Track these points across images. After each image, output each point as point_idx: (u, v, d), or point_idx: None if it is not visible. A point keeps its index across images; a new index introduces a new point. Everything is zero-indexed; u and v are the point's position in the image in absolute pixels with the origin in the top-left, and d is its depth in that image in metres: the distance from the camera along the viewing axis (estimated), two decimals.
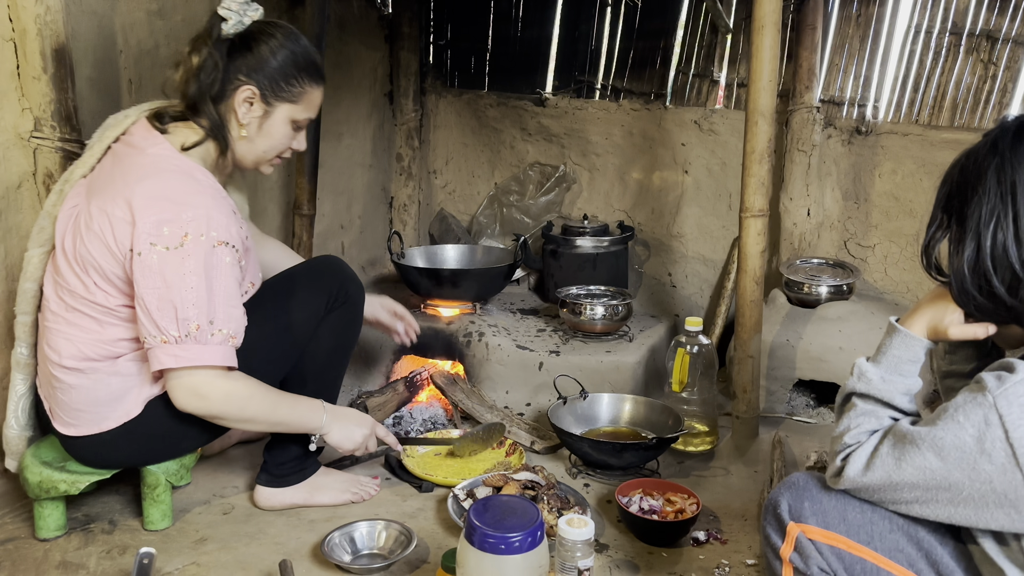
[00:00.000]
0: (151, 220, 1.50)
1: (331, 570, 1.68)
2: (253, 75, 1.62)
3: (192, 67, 1.61)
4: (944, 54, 2.60)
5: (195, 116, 1.63)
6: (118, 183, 1.56)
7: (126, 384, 1.64)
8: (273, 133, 1.69)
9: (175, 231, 1.50)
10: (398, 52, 3.27)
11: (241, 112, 1.64)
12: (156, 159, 1.59)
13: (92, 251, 1.55)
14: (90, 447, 1.68)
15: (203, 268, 1.51)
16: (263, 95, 1.64)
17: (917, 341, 1.22)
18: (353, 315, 1.91)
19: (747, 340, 2.26)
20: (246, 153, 1.70)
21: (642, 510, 1.83)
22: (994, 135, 1.12)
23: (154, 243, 1.49)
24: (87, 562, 1.69)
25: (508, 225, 3.28)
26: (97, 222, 1.54)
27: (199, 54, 1.60)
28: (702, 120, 2.93)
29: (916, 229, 2.63)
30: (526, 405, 2.49)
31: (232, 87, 1.62)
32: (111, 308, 1.58)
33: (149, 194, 1.52)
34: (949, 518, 1.10)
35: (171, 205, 1.51)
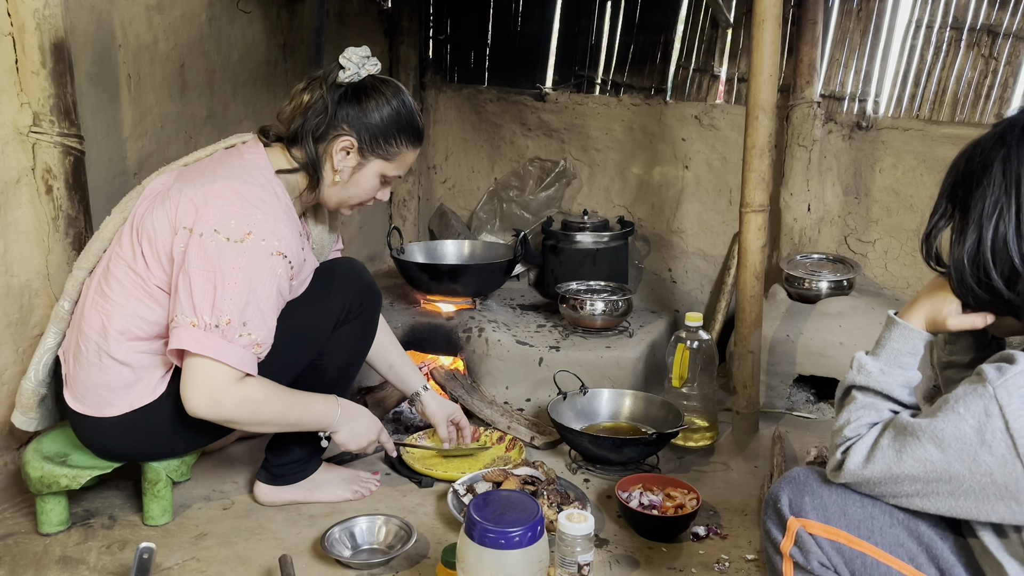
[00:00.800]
0: (223, 210, 1.55)
1: (331, 565, 1.68)
2: (355, 127, 1.68)
3: (302, 104, 1.67)
4: (945, 49, 2.59)
5: (292, 147, 1.70)
6: (206, 173, 1.64)
7: (134, 376, 1.64)
8: (362, 184, 1.74)
9: (241, 226, 1.54)
10: (397, 47, 3.26)
11: (337, 159, 1.69)
12: (249, 164, 1.66)
13: (155, 222, 1.59)
14: (91, 429, 1.69)
15: (254, 270, 1.54)
16: (360, 148, 1.70)
17: (916, 333, 1.22)
18: (367, 327, 1.89)
19: (747, 335, 2.26)
20: (332, 195, 1.75)
21: (642, 505, 1.84)
22: (1002, 127, 1.12)
23: (218, 231, 1.53)
24: (87, 557, 1.69)
25: (508, 220, 3.27)
26: (172, 198, 1.60)
27: (311, 93, 1.67)
28: (702, 115, 2.93)
29: (917, 224, 2.63)
30: (526, 400, 2.49)
31: (334, 133, 1.68)
32: (144, 280, 1.60)
33: (228, 188, 1.58)
34: (950, 511, 1.10)
35: (245, 203, 1.57)
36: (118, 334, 1.61)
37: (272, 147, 1.72)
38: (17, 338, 1.94)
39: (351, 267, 1.89)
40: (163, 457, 1.77)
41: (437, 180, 3.52)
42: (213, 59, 2.45)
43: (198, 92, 2.40)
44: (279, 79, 2.69)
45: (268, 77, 2.66)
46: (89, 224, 1.97)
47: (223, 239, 1.53)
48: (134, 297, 1.61)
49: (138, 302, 1.61)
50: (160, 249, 1.59)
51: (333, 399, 1.78)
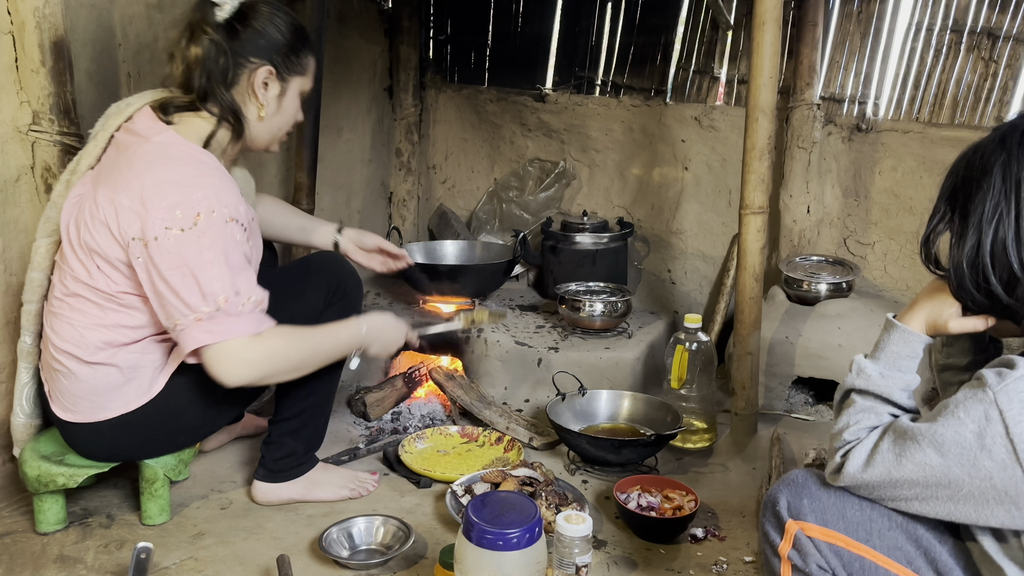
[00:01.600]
0: (163, 205, 1.49)
1: (329, 565, 1.68)
2: (265, 54, 1.62)
3: (194, 58, 1.59)
4: (945, 52, 2.59)
5: (206, 104, 1.62)
6: (125, 172, 1.55)
7: (124, 376, 1.63)
8: (287, 109, 1.71)
9: (187, 212, 1.49)
10: (398, 46, 3.26)
11: (261, 93, 1.64)
12: (161, 146, 1.58)
13: (97, 239, 1.55)
14: (86, 436, 1.68)
15: (219, 243, 1.51)
16: (279, 73, 1.64)
17: (915, 336, 1.22)
18: (351, 310, 1.89)
19: (746, 337, 2.26)
20: (262, 133, 1.70)
21: (640, 507, 1.83)
22: (1003, 131, 1.12)
23: (169, 227, 1.49)
24: (85, 556, 1.69)
25: (507, 221, 3.27)
26: (103, 211, 1.54)
27: (199, 43, 1.59)
28: (702, 116, 2.93)
29: (916, 227, 2.63)
30: (524, 401, 2.49)
31: (245, 70, 1.61)
32: (112, 294, 1.58)
33: (157, 180, 1.51)
34: (949, 515, 1.10)
35: (181, 188, 1.51)
36: (101, 344, 1.60)
37: (177, 120, 1.61)
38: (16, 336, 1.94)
39: (332, 256, 1.93)
40: (165, 452, 1.78)
41: (437, 180, 3.52)
42: None
43: None
44: None
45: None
46: None
47: (177, 232, 1.49)
48: (109, 309, 1.59)
49: (114, 312, 1.59)
50: (114, 261, 1.55)
51: (354, 321, 1.77)
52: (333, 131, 2.99)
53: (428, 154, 3.49)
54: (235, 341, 1.54)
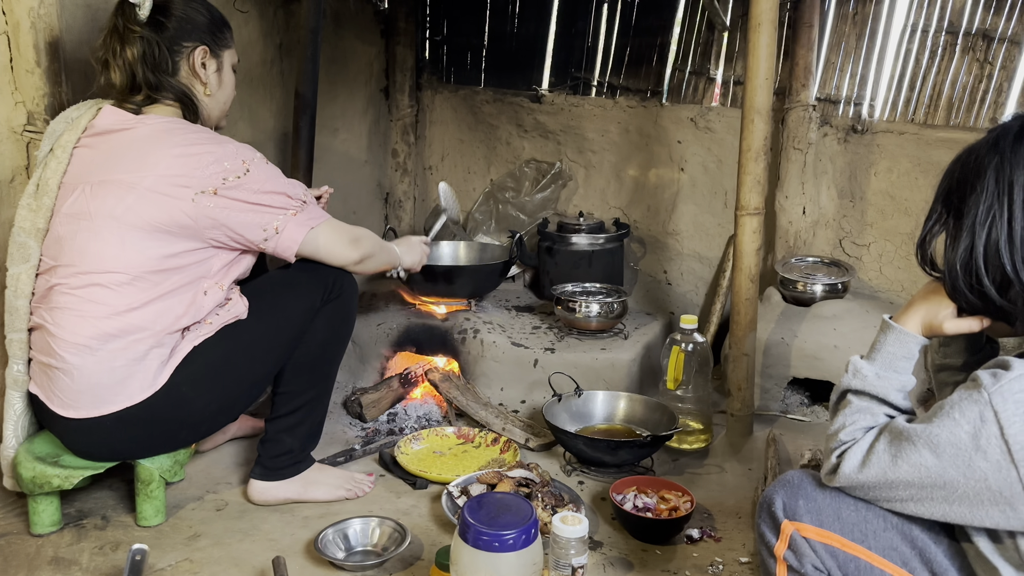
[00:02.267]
0: (209, 166, 1.61)
1: (324, 567, 1.68)
2: (195, 36, 1.74)
3: (133, 59, 1.68)
4: (940, 53, 2.60)
5: (160, 94, 1.72)
6: (139, 154, 1.62)
7: (131, 370, 1.63)
8: (226, 82, 1.84)
9: (234, 163, 1.64)
10: (394, 47, 3.26)
11: (203, 73, 1.76)
12: (158, 126, 1.67)
13: (143, 210, 1.59)
14: (86, 432, 1.68)
15: (272, 171, 1.70)
16: (212, 50, 1.76)
17: (911, 337, 1.23)
18: (348, 308, 1.91)
19: (742, 338, 2.26)
20: (212, 110, 1.82)
21: (636, 508, 1.84)
22: (996, 133, 1.12)
23: (225, 178, 1.62)
24: (80, 558, 1.68)
25: (504, 222, 3.27)
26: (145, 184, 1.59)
27: (132, 44, 1.68)
28: (698, 118, 2.93)
29: (911, 228, 2.64)
30: (521, 402, 2.49)
31: (181, 56, 1.73)
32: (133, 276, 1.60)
33: (188, 152, 1.62)
34: (944, 516, 1.10)
35: (214, 147, 1.64)
36: (116, 331, 1.61)
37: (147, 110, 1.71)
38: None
39: None
40: (162, 451, 1.78)
41: (433, 181, 3.51)
42: None
43: None
44: (275, 79, 2.69)
45: (264, 77, 2.66)
46: None
47: (235, 179, 1.63)
48: (124, 292, 1.60)
49: (131, 293, 1.61)
50: (167, 228, 1.61)
51: (390, 244, 2.06)
52: (329, 132, 2.98)
53: (424, 155, 3.49)
54: (330, 223, 1.78)
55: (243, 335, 1.75)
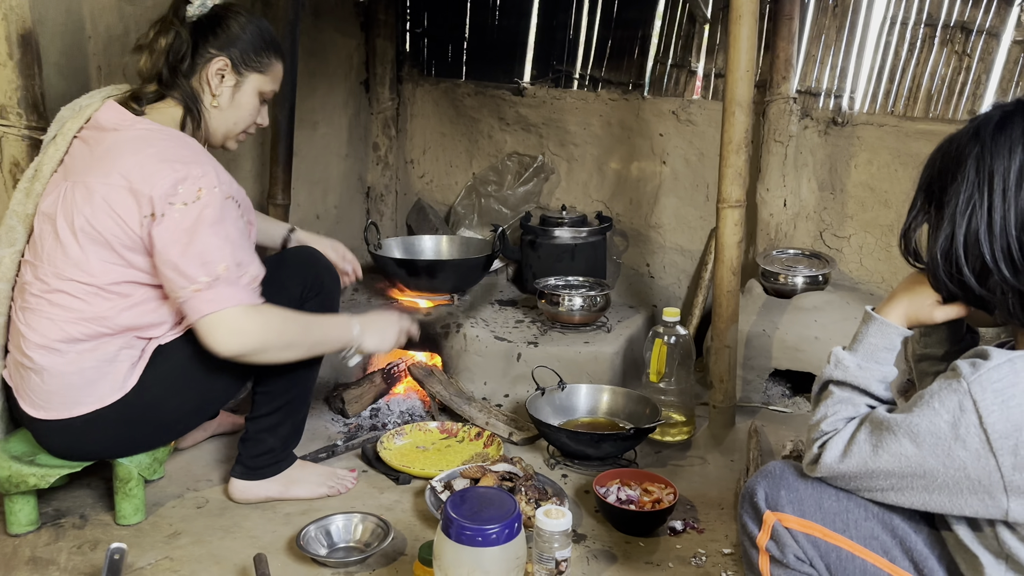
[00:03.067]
0: (166, 183, 1.54)
1: (307, 564, 1.67)
2: (224, 48, 1.69)
3: (160, 48, 1.67)
4: (919, 45, 2.61)
5: (170, 91, 1.69)
6: (113, 159, 1.58)
7: (101, 371, 1.61)
8: (243, 104, 1.75)
9: (190, 187, 1.54)
10: (374, 40, 3.23)
11: (214, 84, 1.70)
12: (144, 132, 1.63)
13: (96, 224, 1.56)
14: (60, 433, 1.66)
15: (220, 217, 1.57)
16: (235, 66, 1.71)
17: (893, 329, 1.23)
18: (328, 305, 1.89)
19: (724, 330, 2.26)
20: (218, 125, 1.75)
21: (619, 500, 1.84)
22: (977, 123, 1.13)
23: (172, 202, 1.54)
24: (57, 558, 1.66)
25: (486, 215, 3.26)
26: (101, 195, 1.56)
27: (166, 35, 1.66)
28: (680, 110, 2.93)
29: (891, 219, 2.65)
30: (504, 396, 2.49)
31: (204, 60, 1.68)
32: (101, 286, 1.58)
33: (154, 161, 1.56)
34: (924, 505, 1.11)
35: (180, 165, 1.56)
36: (82, 337, 1.59)
37: (150, 111, 1.68)
38: None
39: (307, 251, 1.92)
40: (138, 451, 1.75)
41: (415, 174, 3.50)
42: None
43: None
44: None
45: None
46: None
47: (181, 206, 1.54)
48: (91, 302, 1.58)
49: (96, 305, 1.58)
50: (119, 246, 1.56)
51: (346, 316, 1.80)
52: (309, 125, 2.96)
53: (406, 148, 3.47)
54: (231, 310, 1.57)
55: None
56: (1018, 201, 1.06)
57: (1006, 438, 1.01)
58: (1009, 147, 1.08)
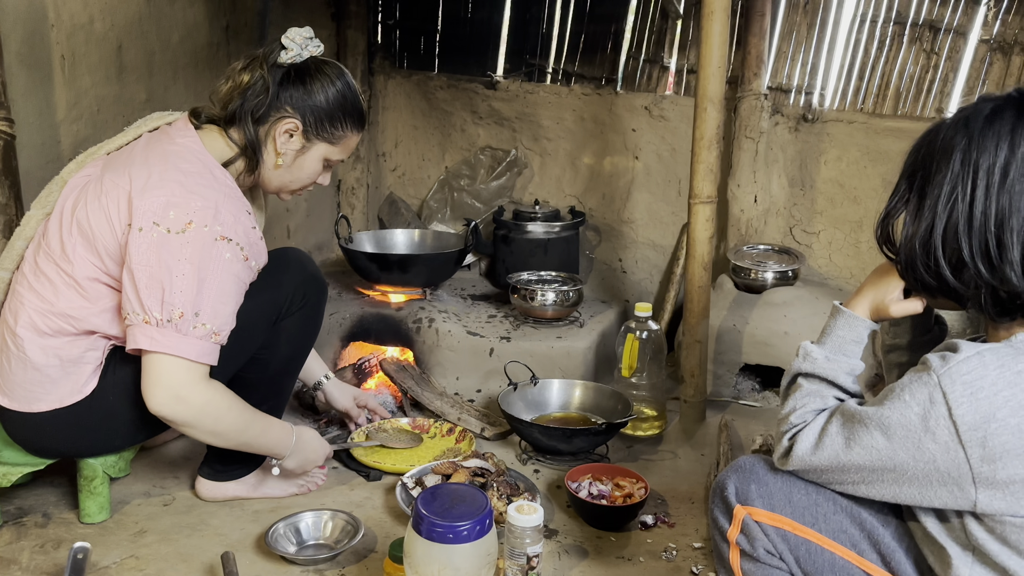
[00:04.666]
0: (160, 201, 1.49)
1: (276, 561, 1.65)
2: (300, 108, 1.63)
3: (241, 84, 1.62)
4: (888, 43, 2.64)
5: (229, 128, 1.64)
6: (139, 162, 1.56)
7: (64, 371, 1.57)
8: (305, 167, 1.71)
9: (180, 216, 1.49)
10: (345, 31, 3.20)
11: (280, 142, 1.65)
12: (182, 147, 1.59)
13: (91, 219, 1.53)
14: (20, 425, 1.62)
15: (199, 259, 1.49)
16: (305, 131, 1.65)
17: (860, 321, 1.24)
18: (311, 320, 1.84)
19: (695, 325, 2.28)
20: (273, 179, 1.71)
21: (591, 495, 1.84)
22: (967, 114, 1.12)
23: (157, 223, 1.48)
24: (19, 557, 1.63)
25: (459, 210, 3.25)
26: (107, 194, 1.53)
27: (250, 73, 1.62)
28: (652, 106, 2.94)
29: (860, 216, 2.68)
30: (476, 391, 2.48)
31: (276, 114, 1.63)
32: (76, 281, 1.54)
33: (165, 176, 1.52)
34: (894, 497, 1.12)
35: (182, 191, 1.51)
36: (46, 331, 1.55)
37: (205, 129, 1.65)
38: None
39: (294, 257, 1.84)
40: (99, 453, 1.72)
41: (387, 168, 3.47)
42: (152, 41, 2.36)
43: (136, 75, 2.32)
44: (222, 62, 2.61)
45: (210, 60, 2.58)
46: (20, 211, 1.89)
47: (163, 231, 1.48)
48: (64, 295, 1.55)
49: (68, 300, 1.55)
50: (101, 247, 1.53)
51: (290, 427, 1.76)
52: None
53: (377, 141, 3.44)
54: (179, 364, 1.49)
55: None
56: (1000, 198, 1.06)
57: (975, 430, 1.03)
58: (996, 142, 1.07)
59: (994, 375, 1.03)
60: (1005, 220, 1.06)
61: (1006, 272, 1.06)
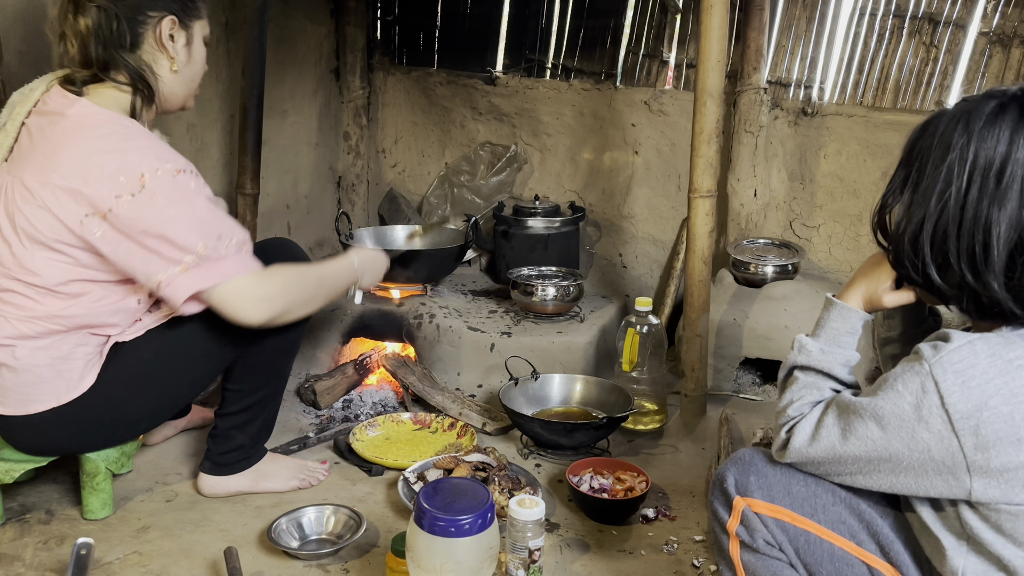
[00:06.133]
0: (104, 176, 1.44)
1: (278, 556, 1.66)
2: (162, 5, 1.56)
3: (85, 29, 1.51)
4: (888, 36, 2.64)
5: (108, 74, 1.55)
6: (49, 153, 1.49)
7: (55, 369, 1.56)
8: (196, 57, 1.67)
9: (131, 176, 1.45)
10: (344, 27, 3.20)
11: (170, 47, 1.59)
12: (79, 119, 1.51)
13: (37, 224, 1.47)
14: (19, 429, 1.61)
15: (176, 197, 1.48)
16: (180, 20, 1.59)
17: (853, 312, 1.25)
18: None
19: (695, 319, 2.28)
20: (177, 89, 1.65)
21: (592, 489, 1.85)
22: (967, 109, 1.09)
23: (119, 195, 1.44)
24: (23, 554, 1.63)
25: (459, 206, 3.25)
26: (39, 195, 1.47)
27: (86, 14, 1.51)
28: (652, 101, 2.94)
29: (860, 209, 2.68)
30: (477, 387, 2.48)
31: (145, 27, 1.55)
32: (48, 287, 1.51)
33: (87, 153, 1.47)
34: (891, 487, 1.12)
35: (114, 155, 1.46)
36: (37, 333, 1.53)
37: (89, 91, 1.55)
38: None
39: (283, 247, 1.86)
40: (102, 447, 1.72)
41: (386, 164, 3.47)
42: None
43: None
44: (220, 59, 2.62)
45: (209, 58, 2.56)
46: None
47: (128, 197, 1.44)
48: (43, 303, 1.52)
49: (50, 305, 1.52)
50: (57, 245, 1.49)
51: (345, 256, 1.83)
52: (278, 114, 2.92)
53: (377, 138, 3.45)
54: (241, 280, 1.54)
55: (182, 333, 1.65)
56: (991, 203, 1.05)
57: (967, 418, 1.03)
58: (995, 144, 1.05)
59: (985, 363, 1.03)
60: (993, 225, 1.05)
61: (988, 278, 1.06)
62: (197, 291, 1.50)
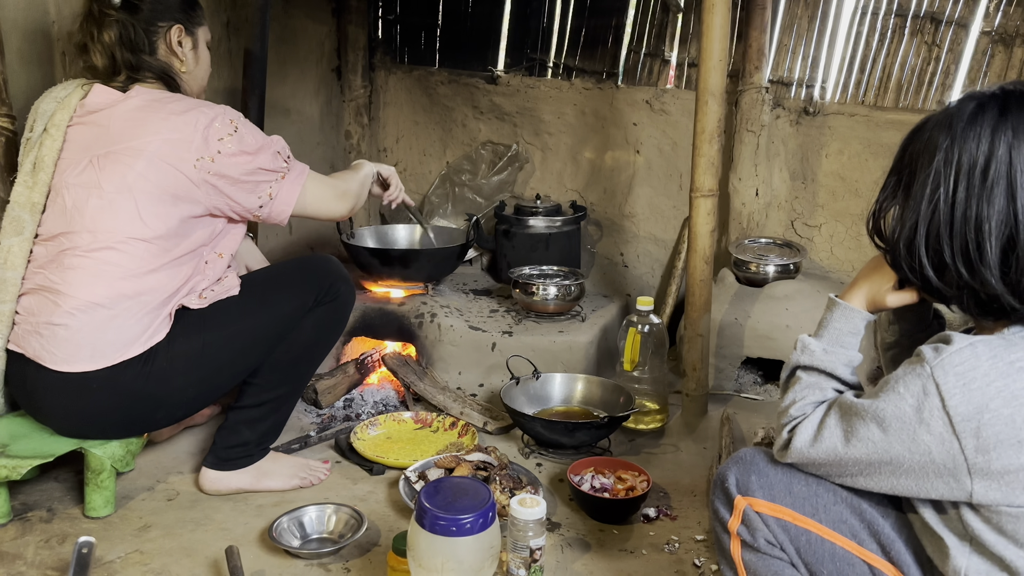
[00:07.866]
0: (200, 128, 1.65)
1: (279, 555, 1.66)
2: (169, 16, 1.77)
3: (110, 40, 1.72)
4: (889, 36, 2.64)
5: (140, 74, 1.75)
6: (132, 125, 1.66)
7: (136, 328, 1.64)
8: (203, 58, 1.88)
9: (224, 122, 1.69)
10: (346, 26, 3.20)
11: (179, 52, 1.79)
12: (146, 96, 1.71)
13: (151, 177, 1.63)
14: (71, 393, 1.64)
15: (253, 129, 1.74)
16: (187, 28, 1.80)
17: (856, 313, 1.25)
18: (339, 313, 1.93)
19: (697, 319, 2.28)
20: (192, 85, 1.85)
21: (594, 488, 1.85)
22: (952, 112, 1.11)
23: (221, 138, 1.67)
24: (24, 552, 1.63)
25: (460, 205, 3.25)
26: (148, 151, 1.63)
27: (109, 27, 1.71)
28: (653, 100, 2.94)
29: (862, 209, 2.68)
30: (479, 386, 2.48)
31: (158, 36, 1.76)
32: (149, 240, 1.64)
33: (178, 112, 1.67)
34: (892, 489, 1.12)
35: (200, 111, 1.68)
36: (132, 292, 1.63)
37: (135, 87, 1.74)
38: None
39: (326, 261, 1.95)
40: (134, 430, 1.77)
41: (388, 163, 3.47)
42: None
43: None
44: (222, 58, 2.62)
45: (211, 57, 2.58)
46: None
47: (228, 136, 1.67)
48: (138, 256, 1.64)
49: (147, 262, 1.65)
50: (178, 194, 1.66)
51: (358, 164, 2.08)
52: (280, 113, 2.92)
53: (379, 137, 3.45)
54: (314, 178, 1.84)
55: (229, 325, 1.75)
56: (980, 200, 1.06)
57: (968, 421, 1.03)
58: (977, 143, 1.07)
59: (986, 366, 1.03)
60: (984, 222, 1.06)
61: (985, 275, 1.06)
62: (297, 191, 1.78)
